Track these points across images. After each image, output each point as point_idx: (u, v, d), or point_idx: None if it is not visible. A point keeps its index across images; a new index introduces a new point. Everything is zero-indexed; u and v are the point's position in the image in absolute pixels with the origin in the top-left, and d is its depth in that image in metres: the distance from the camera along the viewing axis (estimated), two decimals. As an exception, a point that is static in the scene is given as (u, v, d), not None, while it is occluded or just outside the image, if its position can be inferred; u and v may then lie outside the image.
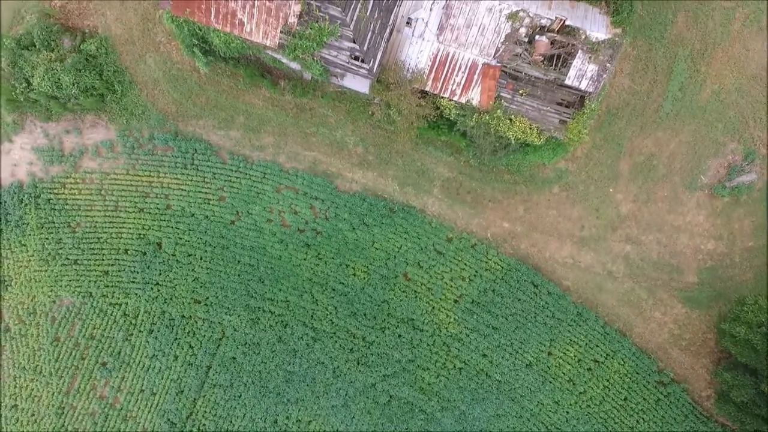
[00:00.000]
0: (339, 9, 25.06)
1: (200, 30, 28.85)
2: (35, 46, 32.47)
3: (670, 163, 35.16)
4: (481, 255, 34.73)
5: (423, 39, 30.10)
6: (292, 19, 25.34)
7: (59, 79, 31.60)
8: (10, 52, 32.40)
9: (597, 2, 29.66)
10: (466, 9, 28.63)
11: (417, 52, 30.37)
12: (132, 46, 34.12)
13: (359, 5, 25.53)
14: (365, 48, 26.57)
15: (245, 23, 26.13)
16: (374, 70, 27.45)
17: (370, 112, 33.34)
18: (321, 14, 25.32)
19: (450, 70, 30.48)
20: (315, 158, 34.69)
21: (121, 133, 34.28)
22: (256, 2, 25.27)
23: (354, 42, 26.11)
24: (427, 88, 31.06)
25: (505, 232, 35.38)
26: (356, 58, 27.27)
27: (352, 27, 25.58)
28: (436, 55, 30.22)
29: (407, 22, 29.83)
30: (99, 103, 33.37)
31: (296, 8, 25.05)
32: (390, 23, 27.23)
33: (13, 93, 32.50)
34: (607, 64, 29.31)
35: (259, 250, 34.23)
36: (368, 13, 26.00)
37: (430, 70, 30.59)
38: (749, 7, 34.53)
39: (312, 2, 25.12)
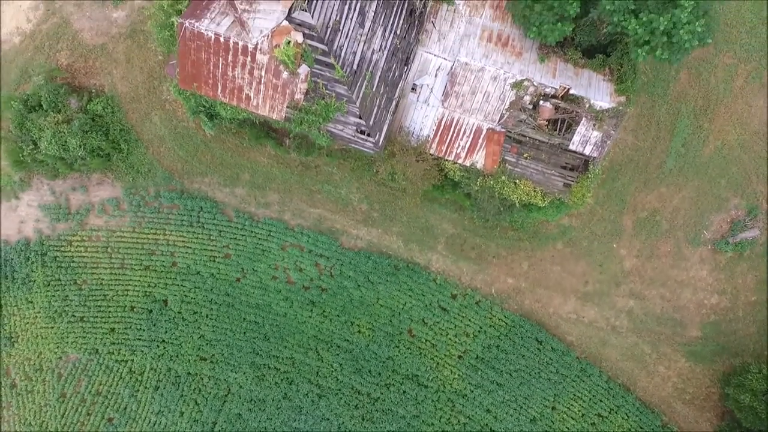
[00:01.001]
0: (345, 87, 25.26)
1: (207, 102, 29.09)
2: (42, 107, 32.68)
3: (674, 219, 35.32)
4: (485, 311, 34.89)
5: (428, 104, 30.33)
6: (299, 96, 25.56)
7: (66, 141, 31.82)
8: (18, 114, 32.64)
9: (601, 69, 29.85)
10: (471, 77, 28.85)
11: (422, 116, 30.61)
12: (138, 104, 34.36)
13: (365, 82, 25.74)
14: (371, 123, 26.78)
15: (252, 98, 26.34)
16: (380, 144, 27.66)
17: (374, 170, 33.52)
18: (327, 92, 25.53)
19: (455, 135, 30.70)
20: (320, 215, 34.88)
21: (127, 191, 34.49)
22: (263, 79, 25.47)
23: (360, 117, 26.32)
24: (432, 152, 31.28)
25: (509, 287, 35.54)
26: (362, 132, 27.49)
27: (358, 104, 25.79)
28: (441, 120, 30.45)
29: (412, 88, 30.06)
30: (105, 162, 33.59)
31: (303, 86, 25.27)
32: (396, 97, 27.44)
33: (20, 155, 32.72)
34: (611, 131, 29.50)
35: (265, 308, 34.41)
36: (374, 89, 26.22)
37: (435, 134, 30.82)
38: (751, 64, 34.76)
39: (318, 81, 25.32)
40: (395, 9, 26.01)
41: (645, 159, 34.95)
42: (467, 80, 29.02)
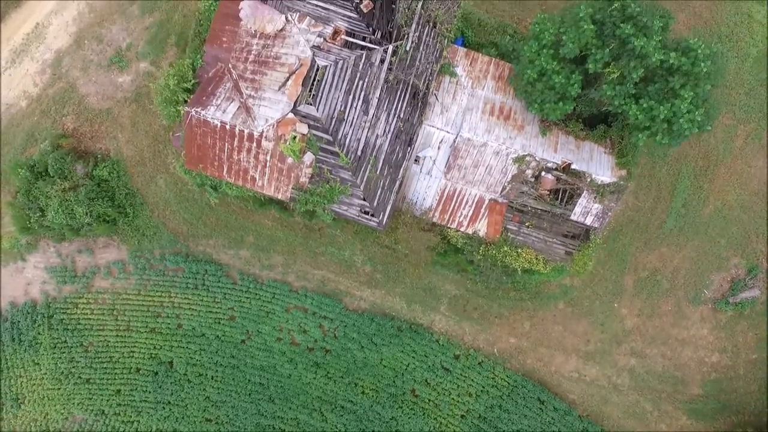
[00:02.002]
0: (350, 173, 25.60)
1: (212, 179, 29.43)
2: (49, 174, 33.00)
3: (674, 278, 35.62)
4: (488, 371, 35.18)
5: (431, 175, 30.65)
6: (304, 179, 25.89)
7: (73, 210, 32.16)
8: (25, 181, 32.97)
9: (602, 140, 30.17)
10: (474, 151, 29.17)
11: (425, 187, 30.92)
12: (143, 167, 34.71)
13: (369, 167, 26.07)
14: (375, 204, 27.11)
15: (257, 179, 26.67)
16: (384, 222, 27.97)
17: (377, 233, 33.84)
18: (332, 176, 25.86)
19: (457, 204, 31.02)
20: (324, 277, 35.18)
21: (133, 253, 34.81)
22: (268, 163, 25.81)
23: (364, 200, 26.65)
24: (435, 220, 31.61)
25: (511, 347, 35.82)
26: (366, 213, 27.81)
27: (362, 188, 26.12)
28: (444, 191, 30.77)
29: (415, 160, 30.37)
30: (112, 227, 33.91)
31: (308, 170, 25.59)
32: (399, 177, 27.78)
33: (27, 222, 33.05)
34: (612, 204, 29.80)
35: (269, 369, 34.70)
36: (378, 172, 26.55)
37: (438, 204, 31.15)
38: (750, 124, 35.11)
39: (323, 166, 25.65)
40: (399, 94, 26.34)
41: (645, 219, 35.26)
42: (470, 154, 29.35)
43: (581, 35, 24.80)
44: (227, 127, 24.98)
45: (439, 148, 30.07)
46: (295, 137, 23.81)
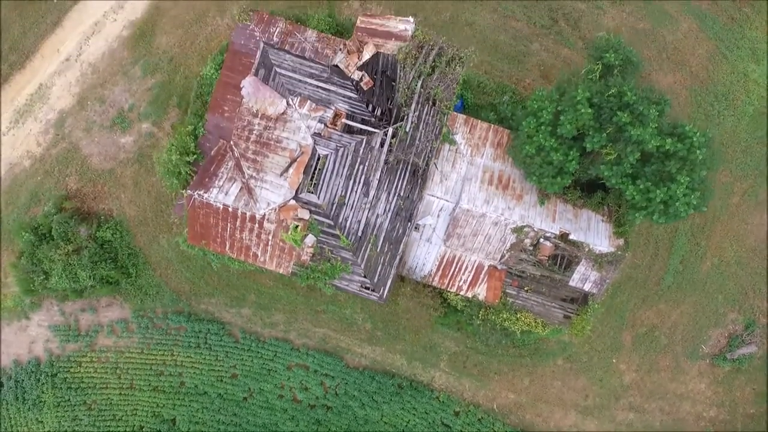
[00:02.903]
0: (350, 253, 25.94)
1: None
2: (53, 237, 33.31)
3: (672, 334, 35.96)
4: (487, 428, 35.50)
5: (430, 242, 30.96)
6: (305, 257, 26.23)
7: (76, 274, 32.48)
8: (29, 245, 33.29)
9: (599, 208, 30.49)
10: (473, 222, 29.48)
11: (424, 253, 31.23)
12: (146, 227, 35.02)
13: (369, 245, 26.42)
14: (375, 280, 27.45)
15: (259, 255, 27.01)
16: (384, 297, 28.31)
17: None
18: (333, 255, 26.20)
19: (457, 270, 31.34)
20: (325, 334, 35.51)
21: (136, 312, 35.14)
22: (270, 242, 26.14)
23: (365, 277, 26.99)
24: (435, 284, 31.93)
25: (510, 402, 36.15)
26: (367, 288, 28.15)
27: (362, 266, 26.46)
28: (443, 257, 31.09)
29: (415, 228, 30.69)
30: (115, 288, 34.24)
31: (309, 249, 25.94)
32: (399, 252, 28.11)
33: (31, 285, 33.38)
34: (610, 272, 30.12)
35: (271, 427, 35.03)
36: (378, 250, 26.90)
37: (437, 269, 31.46)
38: (747, 181, 35.47)
39: (324, 246, 25.99)
40: (399, 173, 26.69)
41: (643, 276, 35.61)
42: (469, 224, 29.66)
43: (579, 117, 25.13)
44: (230, 209, 25.31)
45: (438, 216, 30.39)
46: (296, 226, 24.16)
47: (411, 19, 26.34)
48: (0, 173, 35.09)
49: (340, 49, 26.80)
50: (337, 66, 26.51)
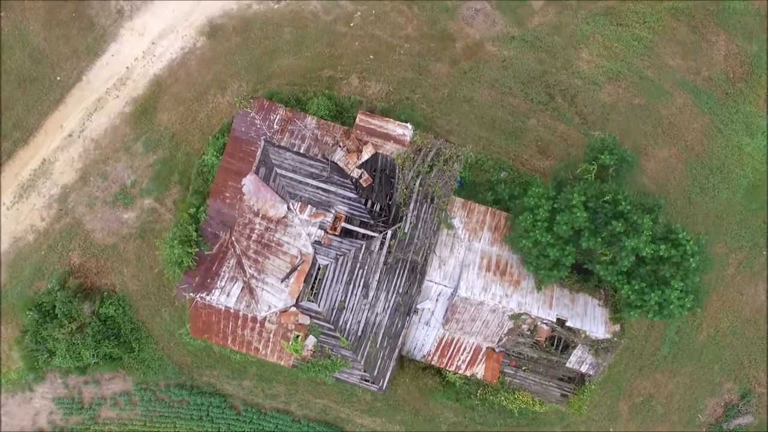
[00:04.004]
0: (350, 352, 26.38)
1: (217, 342, 30.27)
2: (56, 315, 33.72)
3: (669, 403, 36.39)
4: (486, 498, 35.90)
5: (429, 325, 31.41)
6: (306, 353, 26.67)
7: (80, 353, 32.91)
8: (33, 323, 33.71)
9: (595, 292, 30.92)
10: (471, 308, 29.93)
11: (423, 335, 31.67)
12: (148, 301, 35.44)
13: (369, 342, 26.87)
14: (375, 373, 27.91)
15: (261, 349, 27.46)
16: (384, 387, 28.75)
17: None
18: (333, 354, 26.65)
19: (455, 350, 31.79)
20: (325, 405, 35.90)
21: (138, 386, 35.58)
22: (271, 339, 26.59)
23: (365, 371, 27.43)
24: (433, 363, 32.37)
25: (509, 472, 36.59)
26: (366, 380, 28.60)
27: (362, 362, 26.91)
28: (442, 339, 31.55)
29: (414, 311, 31.11)
30: (118, 364, 34.67)
31: (310, 348, 26.37)
32: (399, 345, 28.56)
33: (35, 363, 33.82)
34: (607, 358, 30.55)
35: (272, 499, 35.46)
36: (378, 346, 27.34)
37: (436, 349, 31.92)
38: (742, 253, 35.92)
39: (325, 346, 26.44)
40: (397, 272, 27.15)
41: (640, 346, 36.03)
42: (467, 310, 30.11)
43: (574, 220, 25.56)
44: (231, 310, 25.75)
45: (437, 300, 30.82)
46: (297, 336, 24.62)
47: (409, 125, 26.79)
48: (0, 247, 35.50)
49: (340, 146, 27.24)
50: (336, 163, 26.95)
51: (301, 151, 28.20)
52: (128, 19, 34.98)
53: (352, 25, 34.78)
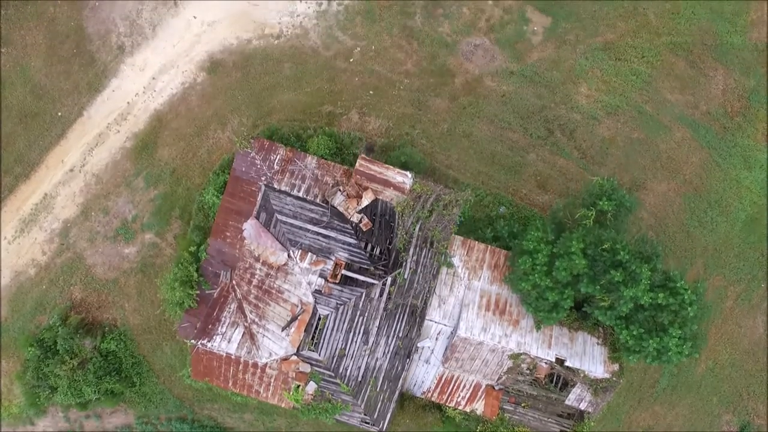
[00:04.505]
0: (351, 396, 26.56)
1: (218, 384, 30.45)
2: (58, 351, 33.87)
3: (667, 435, 36.62)
4: None
5: (428, 363, 31.57)
6: (307, 397, 26.86)
7: (81, 390, 33.07)
8: (34, 359, 33.87)
9: (594, 331, 31.10)
10: (471, 348, 30.10)
11: (423, 373, 31.83)
12: (149, 335, 35.58)
13: (369, 387, 27.04)
14: (375, 416, 28.09)
15: (261, 392, 27.63)
16: (384, 429, 28.94)
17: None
18: (333, 398, 26.83)
19: (455, 387, 31.97)
20: (326, 438, 36.13)
21: (140, 419, 35.73)
22: (272, 383, 26.77)
23: (365, 414, 27.62)
24: (433, 399, 32.56)
25: (509, 504, 36.72)
26: (367, 422, 28.79)
27: (363, 407, 27.10)
28: (442, 376, 31.72)
29: (414, 351, 31.27)
30: (119, 399, 34.82)
31: (311, 391, 26.56)
32: (399, 387, 28.74)
33: (37, 400, 33.98)
34: (605, 397, 30.74)
35: None
36: (378, 389, 27.53)
37: (436, 386, 32.08)
38: (740, 285, 36.10)
39: (325, 391, 26.62)
40: (397, 316, 27.34)
41: (639, 379, 36.20)
42: (467, 350, 30.28)
43: (573, 266, 25.73)
44: (233, 357, 25.93)
45: (437, 339, 31.00)
46: (298, 386, 24.81)
47: (409, 174, 26.98)
48: (1, 281, 35.66)
49: (341, 189, 27.41)
50: (336, 207, 27.13)
51: (302, 192, 28.40)
52: (129, 54, 35.13)
53: (351, 60, 34.93)
